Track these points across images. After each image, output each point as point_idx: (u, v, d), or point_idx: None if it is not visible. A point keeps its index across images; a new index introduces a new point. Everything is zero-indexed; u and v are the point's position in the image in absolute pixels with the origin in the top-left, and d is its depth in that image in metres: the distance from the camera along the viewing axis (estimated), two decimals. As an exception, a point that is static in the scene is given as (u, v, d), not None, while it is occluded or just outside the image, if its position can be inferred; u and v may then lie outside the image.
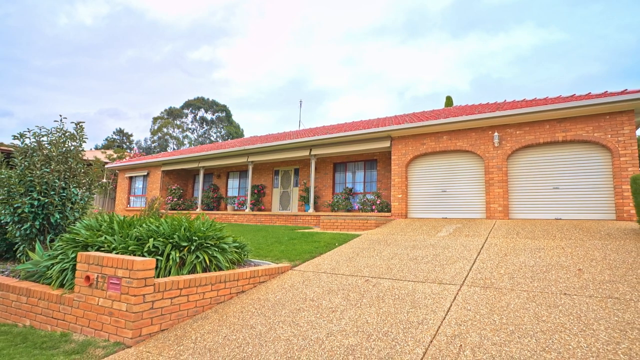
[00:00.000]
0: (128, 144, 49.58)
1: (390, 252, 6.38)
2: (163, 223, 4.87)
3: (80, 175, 5.98)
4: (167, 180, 18.73)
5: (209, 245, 4.74)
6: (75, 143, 5.95)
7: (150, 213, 5.89)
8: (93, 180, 6.23)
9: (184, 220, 5.00)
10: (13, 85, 77.35)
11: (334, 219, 10.44)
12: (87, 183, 6.15)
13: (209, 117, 50.53)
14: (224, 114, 50.69)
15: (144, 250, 4.31)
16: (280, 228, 11.21)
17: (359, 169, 14.39)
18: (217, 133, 50.22)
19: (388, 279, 4.81)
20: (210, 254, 4.65)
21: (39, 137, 5.73)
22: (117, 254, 3.99)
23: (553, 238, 6.61)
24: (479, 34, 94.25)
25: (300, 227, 11.75)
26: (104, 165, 20.75)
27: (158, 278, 3.94)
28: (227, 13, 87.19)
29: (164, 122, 47.48)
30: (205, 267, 4.58)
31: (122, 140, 49.81)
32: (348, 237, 8.21)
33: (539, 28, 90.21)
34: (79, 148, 5.98)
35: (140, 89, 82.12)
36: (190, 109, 49.89)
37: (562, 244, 6.06)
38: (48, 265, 4.48)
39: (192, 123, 50.07)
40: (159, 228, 4.72)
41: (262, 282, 5.00)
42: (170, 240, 4.51)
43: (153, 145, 46.78)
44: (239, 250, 5.28)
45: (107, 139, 49.40)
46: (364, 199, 13.06)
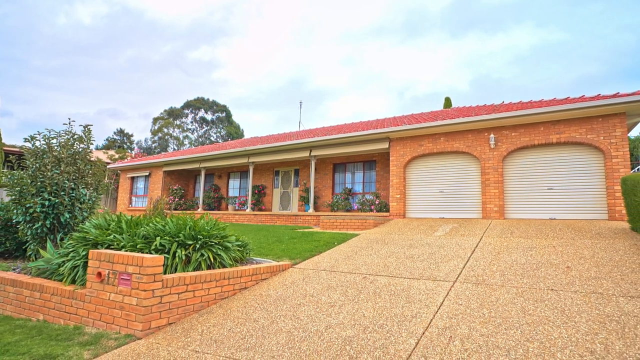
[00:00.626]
0: (129, 144, 49.83)
1: (388, 250, 6.59)
2: (169, 222, 5.08)
3: (88, 176, 6.20)
4: (168, 181, 18.93)
5: (213, 244, 4.95)
6: (84, 145, 6.17)
7: (156, 213, 6.11)
8: (100, 181, 6.45)
9: (189, 220, 5.20)
10: (13, 85, 77.67)
11: (334, 219, 10.64)
12: (94, 183, 6.36)
13: (209, 117, 50.78)
14: (224, 114, 50.93)
15: (151, 248, 4.52)
16: (281, 228, 11.43)
17: (358, 170, 14.61)
18: (217, 133, 50.45)
19: (385, 276, 5.02)
20: (215, 252, 4.86)
21: (49, 139, 5.94)
22: (126, 252, 4.20)
23: (546, 237, 6.82)
24: (478, 34, 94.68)
25: (301, 226, 11.96)
26: (106, 166, 20.96)
27: (166, 274, 4.15)
28: (225, 12, 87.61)
29: (164, 122, 47.71)
30: (210, 264, 4.78)
31: (122, 141, 50.05)
32: (347, 236, 8.42)
33: (539, 28, 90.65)
34: (87, 150, 6.19)
35: (140, 89, 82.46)
36: (190, 109, 50.12)
37: (553, 243, 6.27)
38: (59, 263, 4.68)
39: (192, 123, 50.32)
40: (165, 227, 4.93)
41: (264, 279, 5.21)
42: (176, 239, 4.72)
43: (153, 146, 47.01)
44: (242, 249, 5.49)
45: (107, 139, 49.68)
46: (363, 199, 13.28)
